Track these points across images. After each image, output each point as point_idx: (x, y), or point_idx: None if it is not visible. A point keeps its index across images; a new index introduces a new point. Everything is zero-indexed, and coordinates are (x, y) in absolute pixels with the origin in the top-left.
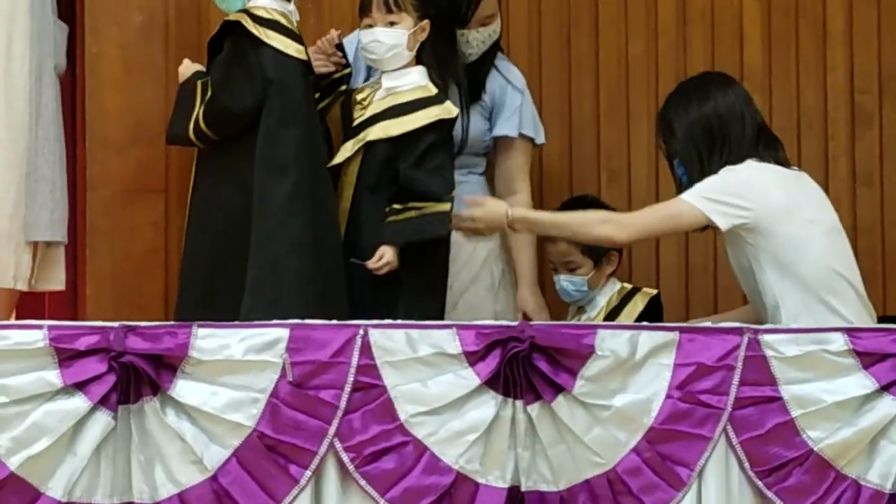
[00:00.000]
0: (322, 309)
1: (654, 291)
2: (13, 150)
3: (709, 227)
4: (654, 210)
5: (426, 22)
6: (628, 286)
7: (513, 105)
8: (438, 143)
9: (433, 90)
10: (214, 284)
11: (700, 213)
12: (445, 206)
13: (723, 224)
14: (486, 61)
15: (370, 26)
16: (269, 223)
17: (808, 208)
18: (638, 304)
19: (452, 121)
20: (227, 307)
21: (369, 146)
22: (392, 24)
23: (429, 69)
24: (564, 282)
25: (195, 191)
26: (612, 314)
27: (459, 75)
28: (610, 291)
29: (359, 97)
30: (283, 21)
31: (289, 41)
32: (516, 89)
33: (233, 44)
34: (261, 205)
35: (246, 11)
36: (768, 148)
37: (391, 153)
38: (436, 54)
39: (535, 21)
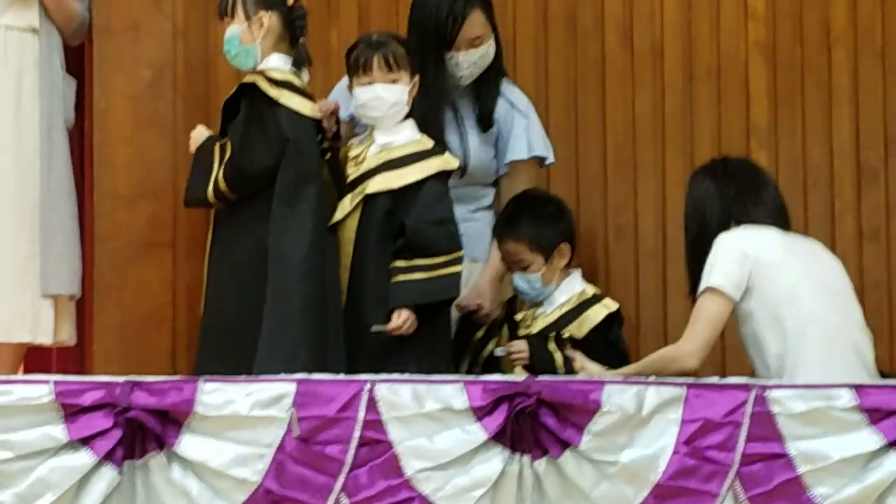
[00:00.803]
0: (327, 366)
1: (616, 306)
2: (25, 202)
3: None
4: (696, 322)
5: (417, 78)
6: (591, 292)
7: (519, 128)
8: (441, 194)
9: (429, 143)
10: (234, 339)
11: (720, 294)
12: (457, 269)
13: (731, 289)
14: (491, 88)
15: (369, 83)
16: (287, 279)
17: (797, 265)
18: (597, 315)
19: (451, 172)
20: (246, 361)
21: (368, 201)
22: (394, 81)
23: (420, 94)
24: (519, 280)
25: (213, 247)
26: (567, 316)
27: (453, 98)
28: (570, 291)
29: (351, 154)
30: (296, 81)
31: (303, 100)
32: (520, 112)
33: (250, 105)
34: (278, 261)
35: (261, 73)
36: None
37: (391, 206)
38: (425, 78)
39: (542, 78)
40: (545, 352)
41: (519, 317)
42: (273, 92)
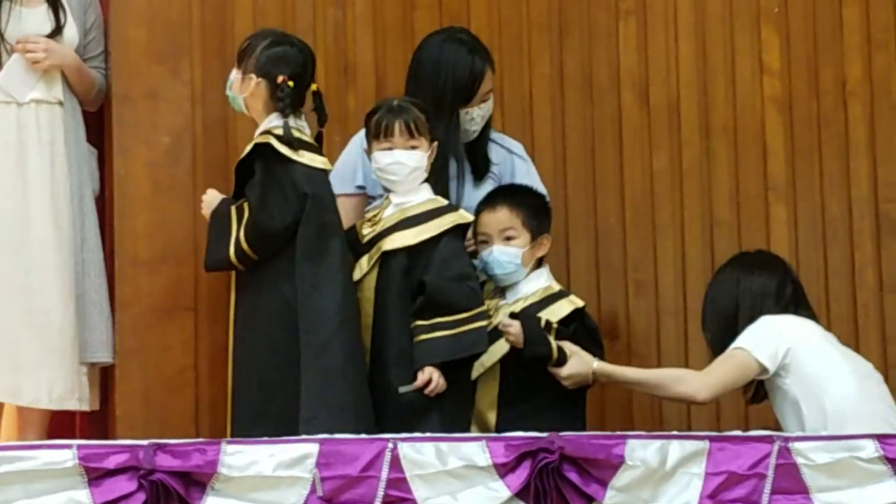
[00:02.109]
0: (380, 414)
1: (582, 304)
2: (65, 271)
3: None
4: (723, 365)
5: (435, 144)
6: (556, 287)
7: (521, 171)
8: (458, 250)
9: (443, 202)
10: (269, 399)
11: (755, 361)
12: (482, 324)
13: (770, 366)
14: (482, 137)
15: (389, 149)
16: (323, 334)
17: (837, 352)
18: (562, 309)
19: (468, 226)
20: (285, 421)
21: (385, 260)
22: (413, 147)
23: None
24: (499, 251)
25: (237, 309)
26: (532, 309)
27: (460, 152)
28: (536, 285)
29: (367, 215)
30: (304, 136)
31: (313, 154)
32: (519, 157)
33: (265, 164)
34: (311, 317)
35: (269, 132)
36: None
37: (408, 263)
38: (439, 133)
39: (560, 136)
40: (539, 333)
41: (488, 306)
42: (285, 150)
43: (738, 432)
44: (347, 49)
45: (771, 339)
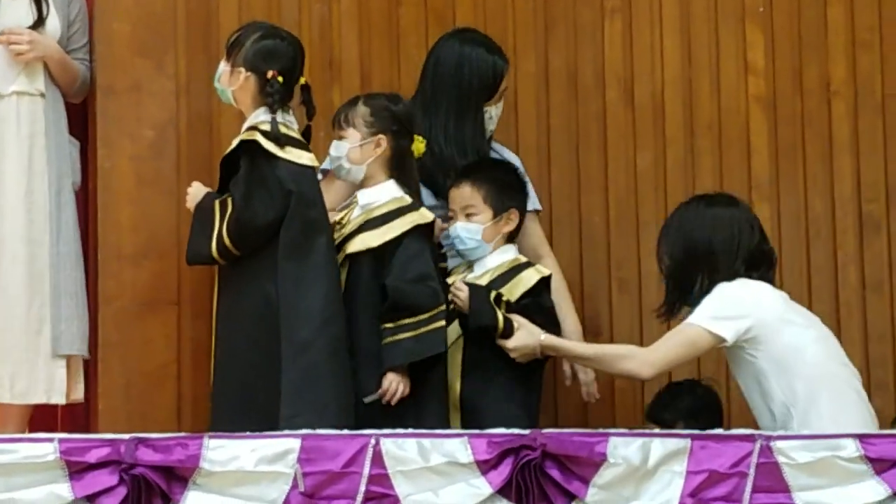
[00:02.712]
0: (355, 414)
1: (548, 272)
2: (35, 265)
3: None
4: (670, 340)
5: (381, 138)
6: (523, 259)
7: None
8: (419, 250)
9: (408, 200)
10: (249, 395)
11: (708, 334)
12: (440, 324)
13: (730, 337)
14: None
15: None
16: (305, 331)
17: (799, 317)
18: (529, 278)
19: (430, 226)
20: (265, 417)
21: (353, 264)
22: (340, 137)
23: (447, 146)
24: (460, 228)
25: (219, 305)
26: (499, 281)
27: (486, 149)
28: (502, 258)
29: (336, 217)
30: (290, 132)
31: (300, 151)
32: (519, 170)
33: (250, 160)
34: (295, 314)
35: (255, 128)
36: (755, 269)
37: (375, 265)
38: (467, 131)
39: (544, 134)
40: (486, 303)
41: (451, 280)
42: (271, 146)
43: (719, 430)
44: (332, 44)
45: (730, 311)
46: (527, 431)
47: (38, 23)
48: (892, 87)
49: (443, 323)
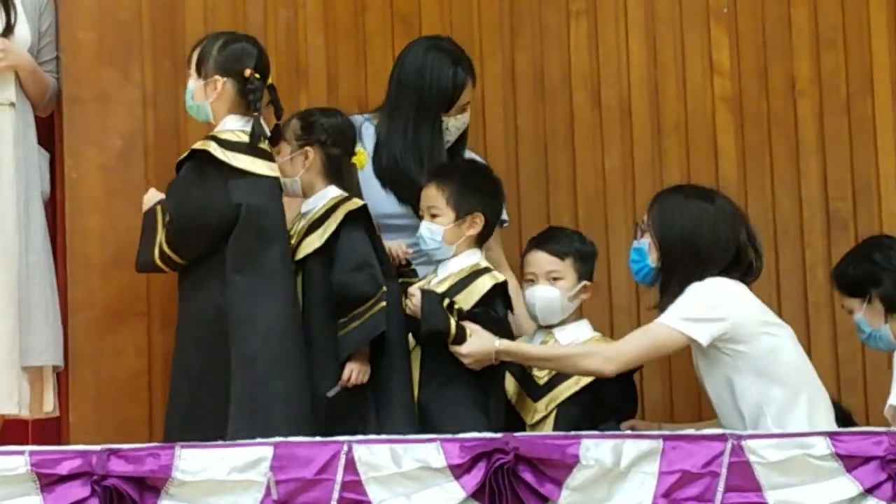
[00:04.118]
0: (307, 429)
1: (503, 278)
2: (5, 276)
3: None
4: (636, 339)
5: (307, 150)
6: (483, 264)
7: None
8: (354, 240)
9: (341, 195)
10: (200, 407)
11: (680, 335)
12: (381, 306)
13: (704, 339)
14: (457, 151)
15: None
16: (252, 344)
17: (772, 317)
18: (483, 285)
19: (363, 209)
20: (211, 426)
21: (304, 270)
22: (277, 153)
23: (405, 155)
24: (423, 227)
25: (179, 314)
26: (457, 287)
27: (444, 157)
28: (465, 263)
29: (291, 232)
30: (252, 140)
31: (258, 161)
32: (497, 178)
33: (192, 168)
34: (241, 326)
35: (213, 137)
36: (735, 268)
37: (324, 267)
38: (420, 143)
39: (512, 136)
40: (437, 308)
41: (415, 285)
42: (224, 156)
43: (691, 431)
44: (299, 50)
45: (705, 313)
46: (499, 435)
47: (7, 30)
48: (856, 85)
49: (384, 304)
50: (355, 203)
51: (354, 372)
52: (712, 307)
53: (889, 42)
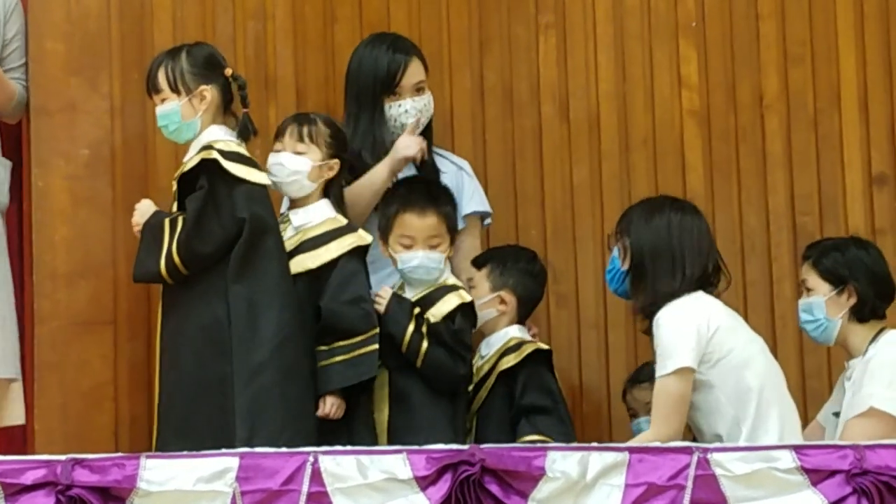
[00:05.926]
0: (312, 438)
1: (469, 298)
2: None
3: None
4: (661, 408)
5: (335, 162)
6: (451, 280)
7: (470, 188)
8: (354, 272)
9: (343, 220)
10: (194, 415)
11: (690, 370)
12: (373, 348)
13: (695, 363)
14: (428, 139)
15: (279, 150)
16: (259, 353)
17: (744, 330)
18: (449, 303)
19: (367, 248)
20: (208, 437)
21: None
22: (300, 153)
23: (362, 150)
24: (424, 257)
25: (165, 325)
26: (425, 300)
27: (388, 144)
28: (435, 275)
29: None
30: (244, 152)
31: (253, 170)
32: (468, 175)
33: (209, 181)
34: (245, 336)
35: (211, 147)
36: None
37: (311, 289)
38: (367, 133)
39: (481, 150)
40: (403, 315)
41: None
42: (230, 167)
43: (657, 443)
44: (268, 62)
45: (689, 340)
46: (465, 447)
47: None
48: (823, 101)
49: (376, 346)
50: (363, 239)
51: (334, 407)
52: (691, 334)
53: (856, 58)
